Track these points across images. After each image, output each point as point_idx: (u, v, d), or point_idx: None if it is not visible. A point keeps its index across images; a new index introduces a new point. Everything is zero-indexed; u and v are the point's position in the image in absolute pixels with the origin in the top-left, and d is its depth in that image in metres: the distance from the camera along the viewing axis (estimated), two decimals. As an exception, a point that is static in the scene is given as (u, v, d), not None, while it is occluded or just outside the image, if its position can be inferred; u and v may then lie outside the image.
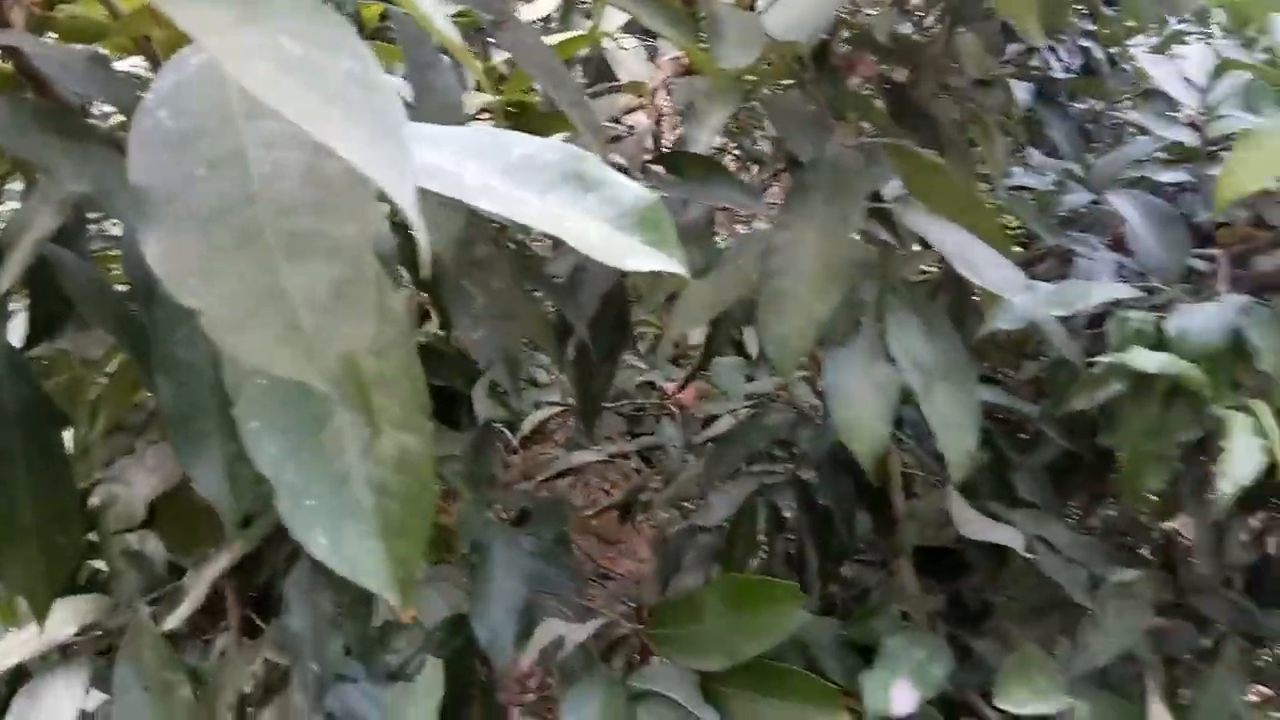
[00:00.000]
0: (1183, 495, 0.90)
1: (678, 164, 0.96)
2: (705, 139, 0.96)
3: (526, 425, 1.18)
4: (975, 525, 0.84)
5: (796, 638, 0.91)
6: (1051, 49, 1.52)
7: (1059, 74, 1.50)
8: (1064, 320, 0.82)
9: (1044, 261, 1.14)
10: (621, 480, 1.81)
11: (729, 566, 1.09)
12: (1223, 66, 0.93)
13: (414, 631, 0.82)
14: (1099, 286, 0.77)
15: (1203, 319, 0.76)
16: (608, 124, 1.14)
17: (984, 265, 0.78)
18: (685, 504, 1.44)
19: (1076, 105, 1.56)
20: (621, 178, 0.46)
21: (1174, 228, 0.92)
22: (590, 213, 0.45)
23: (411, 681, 0.72)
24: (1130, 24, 1.46)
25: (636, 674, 0.80)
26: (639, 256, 0.44)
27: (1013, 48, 1.55)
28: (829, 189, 0.78)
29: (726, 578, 0.82)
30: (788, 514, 1.13)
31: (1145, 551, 1.19)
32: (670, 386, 1.55)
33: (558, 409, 1.20)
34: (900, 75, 1.15)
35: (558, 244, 1.12)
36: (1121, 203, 0.93)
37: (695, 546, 1.19)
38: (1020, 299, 0.74)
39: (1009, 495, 0.93)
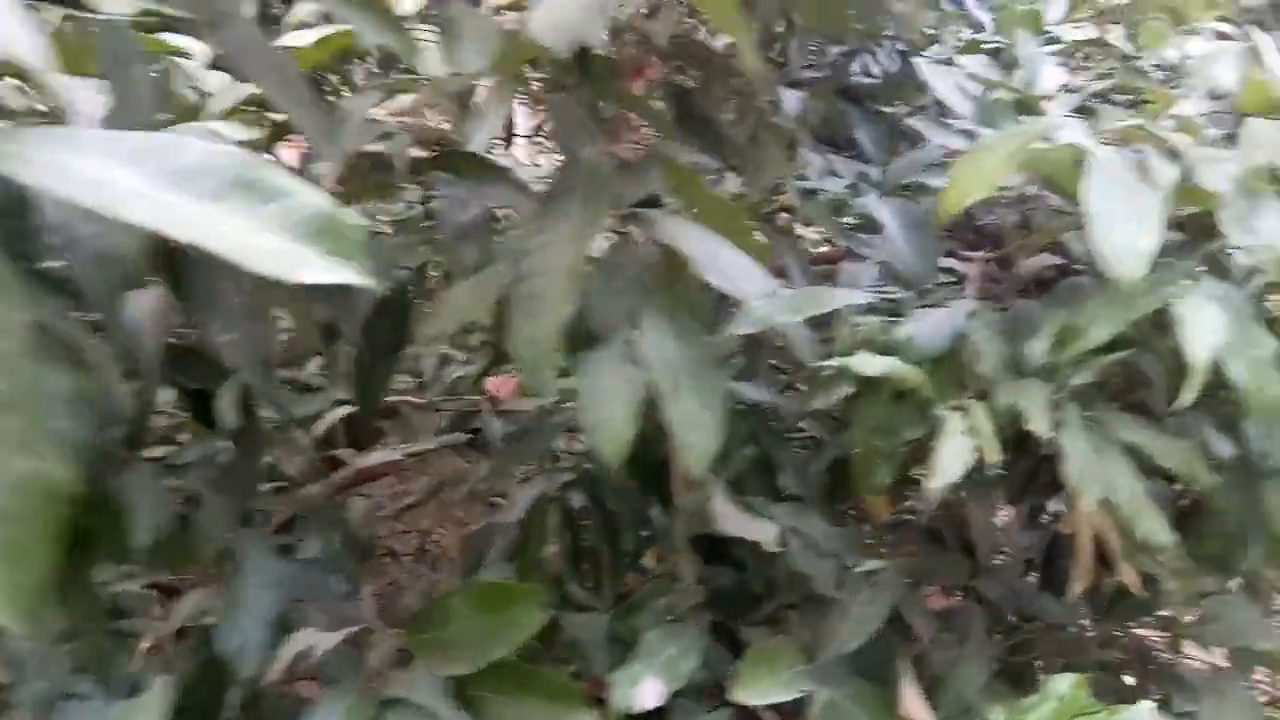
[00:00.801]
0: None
1: (454, 164, 0.95)
2: (482, 138, 0.95)
3: (321, 427, 1.15)
4: (731, 520, 0.87)
5: (570, 635, 0.93)
6: (871, 54, 1.59)
7: (872, 78, 1.56)
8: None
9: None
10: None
11: (521, 564, 1.09)
12: (983, 81, 0.98)
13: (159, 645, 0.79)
14: (835, 293, 0.81)
15: (930, 324, 0.81)
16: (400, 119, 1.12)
17: (731, 271, 0.81)
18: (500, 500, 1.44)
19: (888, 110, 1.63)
20: (304, 187, 0.45)
21: (929, 234, 0.97)
22: (265, 222, 0.44)
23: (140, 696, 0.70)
24: (930, 31, 1.53)
25: (390, 679, 0.79)
26: (314, 269, 0.43)
27: (837, 50, 1.61)
28: (584, 193, 0.79)
29: (471, 582, 0.82)
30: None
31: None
32: (490, 382, 1.54)
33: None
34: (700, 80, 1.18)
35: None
36: (879, 208, 0.97)
37: (497, 543, 1.19)
38: (758, 304, 0.77)
39: (775, 490, 0.96)
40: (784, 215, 1.37)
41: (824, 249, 1.46)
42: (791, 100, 1.09)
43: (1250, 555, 0.93)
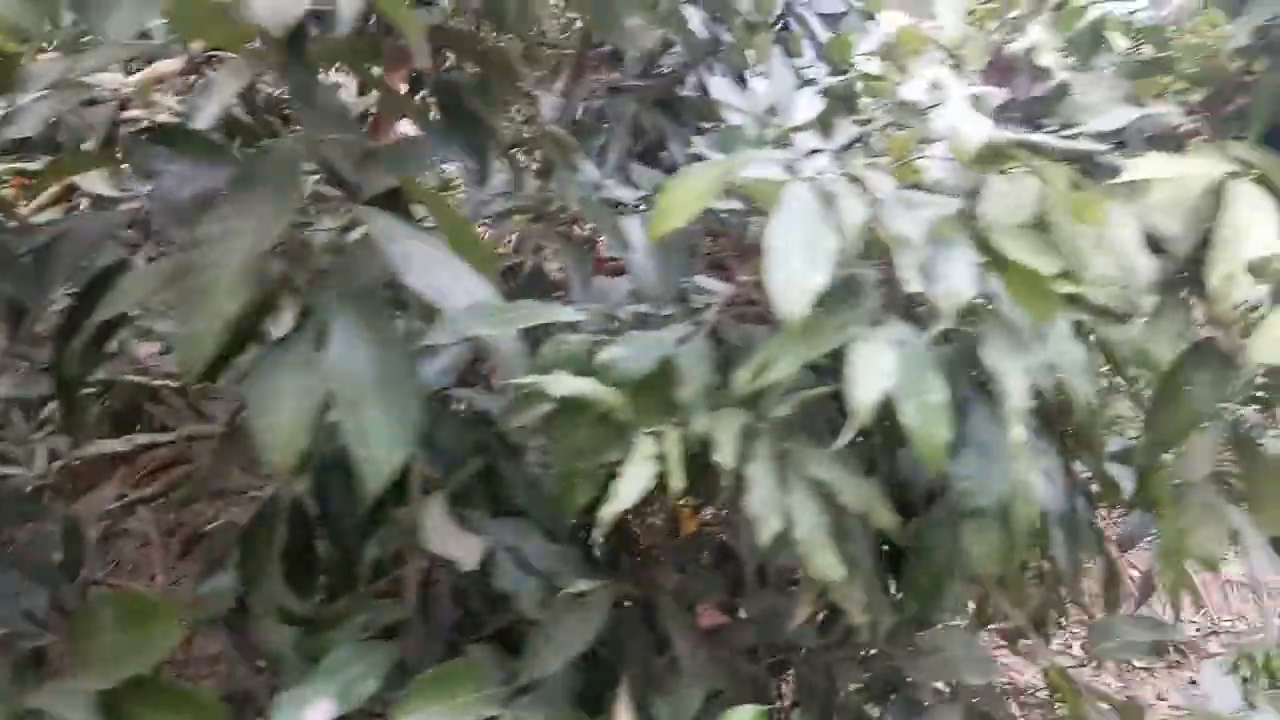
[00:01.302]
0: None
1: (174, 140, 0.89)
2: (209, 114, 0.90)
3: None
4: (435, 537, 0.84)
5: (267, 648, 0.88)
6: (708, 67, 1.59)
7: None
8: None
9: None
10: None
11: (245, 570, 1.03)
12: (734, 109, 0.98)
13: None
14: (547, 308, 0.79)
15: (636, 347, 0.79)
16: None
17: (441, 278, 0.78)
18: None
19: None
20: None
21: (676, 252, 0.96)
22: None
23: None
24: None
25: (41, 690, 0.73)
26: None
27: (673, 59, 1.60)
28: (274, 184, 0.75)
29: (109, 595, 0.77)
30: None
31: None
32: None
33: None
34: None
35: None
36: (630, 223, 0.96)
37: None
38: (459, 314, 0.74)
39: (500, 504, 0.94)
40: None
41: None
42: (550, 106, 1.07)
43: (951, 592, 0.96)
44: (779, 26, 1.60)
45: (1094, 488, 1.19)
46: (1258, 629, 3.37)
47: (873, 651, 1.19)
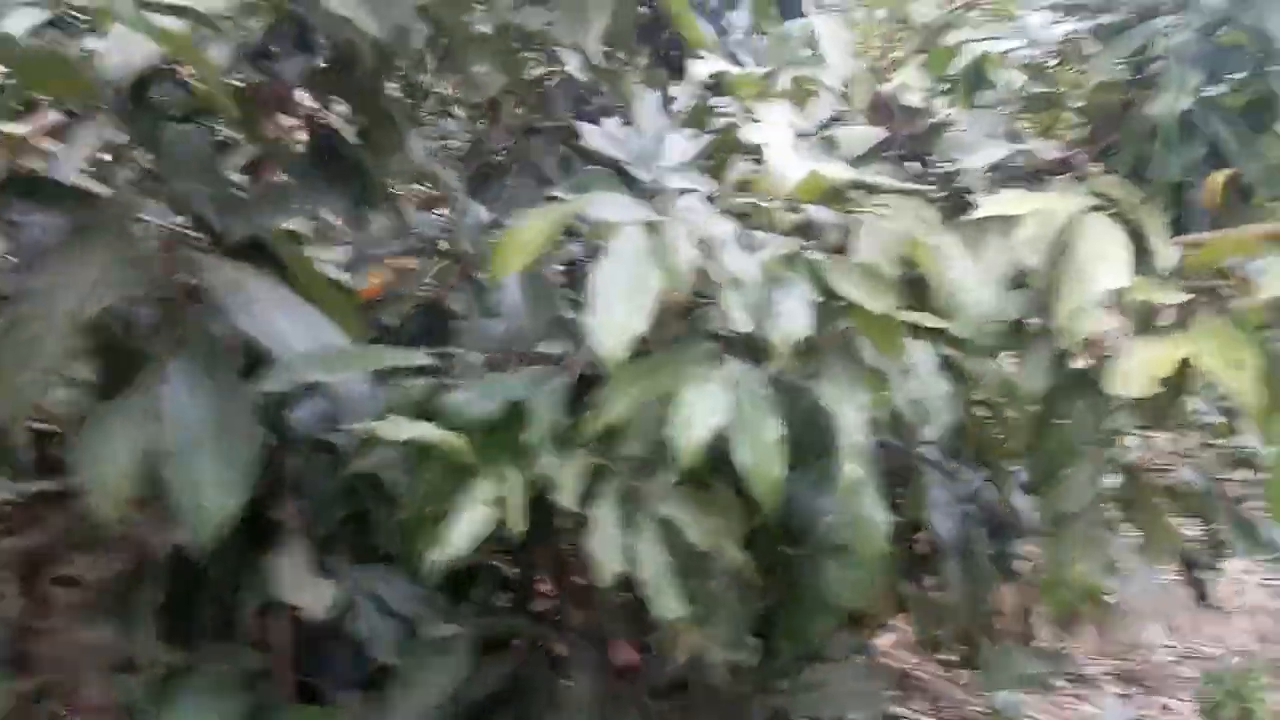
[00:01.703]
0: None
1: (36, 191, 0.89)
2: (72, 164, 0.90)
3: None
4: (287, 584, 0.83)
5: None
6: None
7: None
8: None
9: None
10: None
11: (121, 621, 1.02)
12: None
13: None
14: (393, 352, 0.79)
15: (483, 390, 0.79)
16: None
17: (281, 324, 0.78)
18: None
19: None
20: None
21: (546, 291, 0.97)
22: None
23: None
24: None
25: None
26: None
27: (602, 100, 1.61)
28: (107, 236, 0.75)
29: None
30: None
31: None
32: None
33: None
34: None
35: None
36: (503, 267, 0.97)
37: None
38: (292, 359, 0.74)
39: (367, 550, 0.93)
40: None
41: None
42: (418, 147, 1.07)
43: (820, 627, 0.95)
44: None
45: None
46: (1233, 654, 3.38)
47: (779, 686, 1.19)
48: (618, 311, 0.68)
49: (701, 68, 0.95)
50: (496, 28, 0.86)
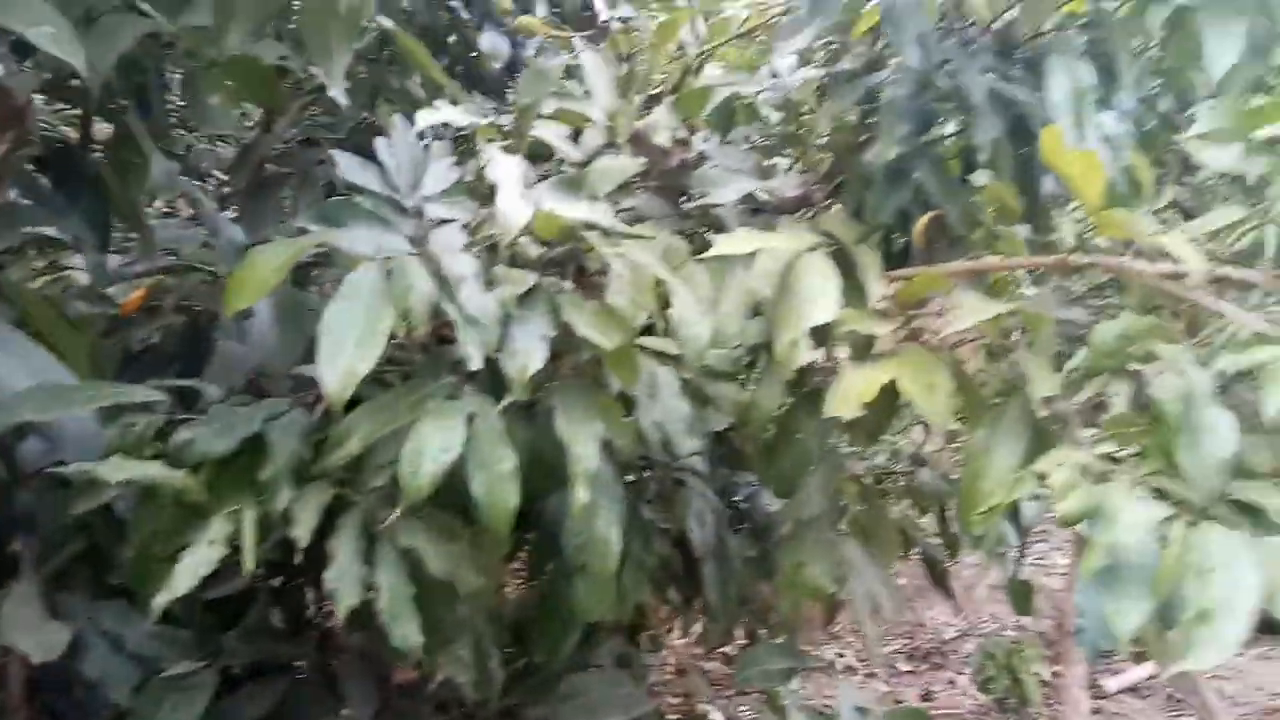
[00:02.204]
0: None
1: None
2: None
3: None
4: (14, 627, 0.79)
5: None
6: None
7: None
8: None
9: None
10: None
11: None
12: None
13: None
14: (119, 388, 0.77)
15: (219, 425, 0.79)
16: None
17: (6, 366, 0.74)
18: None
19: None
20: None
21: (301, 313, 0.96)
22: None
23: None
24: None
25: None
26: None
27: None
28: None
29: None
30: None
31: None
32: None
33: None
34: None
35: None
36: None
37: None
38: (13, 398, 0.71)
39: (104, 587, 0.90)
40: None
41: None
42: (162, 166, 1.04)
43: (570, 640, 1.00)
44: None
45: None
46: (1006, 628, 3.73)
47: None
48: (345, 352, 0.70)
49: (428, 116, 0.97)
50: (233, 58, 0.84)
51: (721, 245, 0.98)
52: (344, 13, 0.86)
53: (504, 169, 0.82)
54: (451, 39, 1.77)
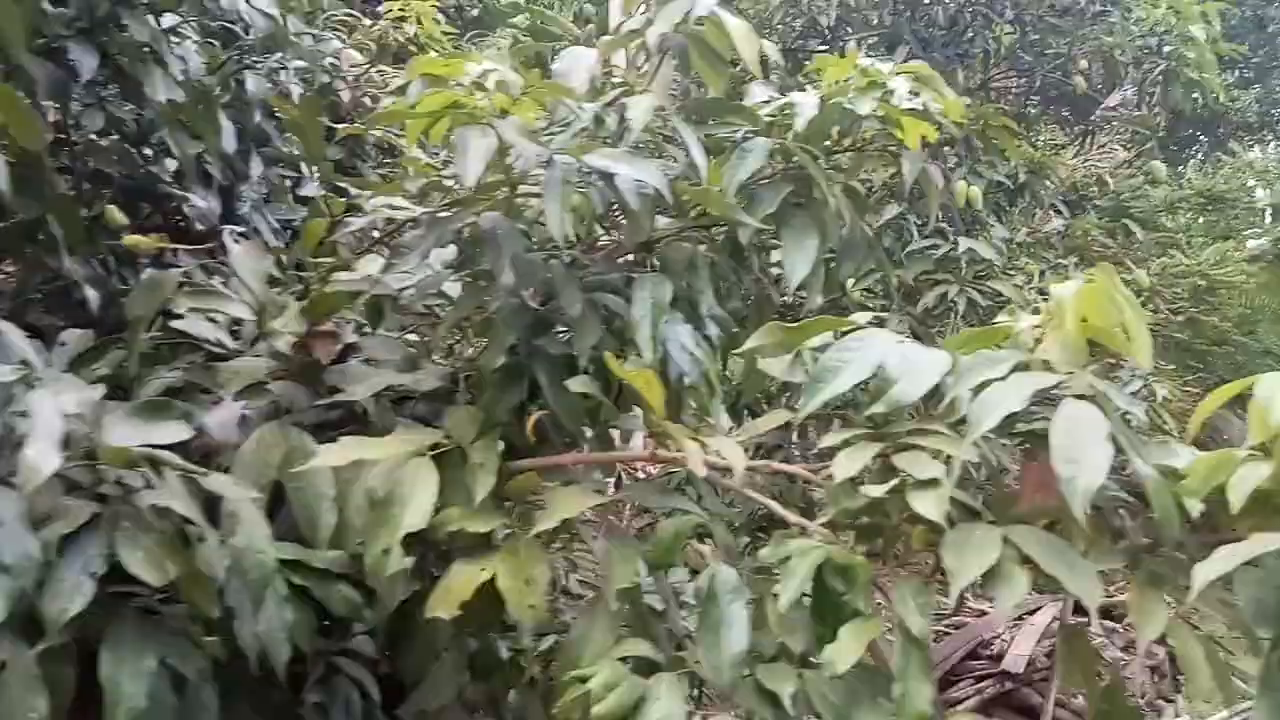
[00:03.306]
0: None
1: None
2: None
3: None
4: None
5: None
6: None
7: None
8: None
9: None
10: None
11: None
12: None
13: None
14: None
15: None
16: None
17: None
18: None
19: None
20: None
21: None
22: None
23: None
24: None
25: None
26: None
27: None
28: None
29: None
30: None
31: None
32: None
33: None
34: None
35: None
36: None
37: None
38: None
39: None
40: None
41: None
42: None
43: None
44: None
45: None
46: None
47: None
48: None
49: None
50: None
51: (324, 456, 1.03)
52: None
53: (45, 414, 0.82)
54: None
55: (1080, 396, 0.95)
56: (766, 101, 1.44)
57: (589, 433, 1.29)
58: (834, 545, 1.03)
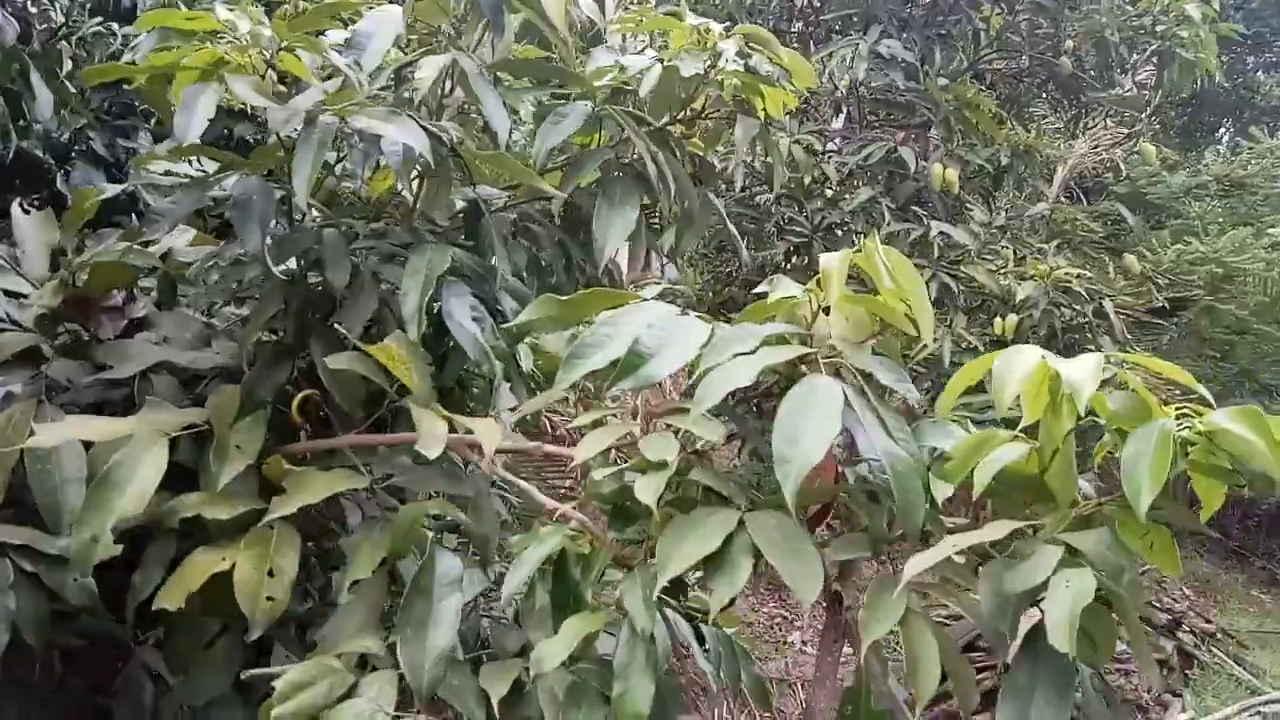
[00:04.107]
0: None
1: None
2: None
3: None
4: None
5: None
6: None
7: None
8: None
9: None
10: None
11: None
12: None
13: None
14: None
15: None
16: None
17: None
18: None
19: None
20: None
21: None
22: None
23: None
24: None
25: None
26: None
27: None
28: None
29: None
30: None
31: None
32: None
33: None
34: None
35: None
36: None
37: None
38: None
39: None
40: None
41: None
42: None
43: None
44: None
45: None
46: None
47: None
48: None
49: None
50: None
51: (41, 436, 0.97)
52: None
53: None
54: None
55: (836, 374, 0.87)
56: (613, 67, 1.36)
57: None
58: (588, 533, 0.95)
